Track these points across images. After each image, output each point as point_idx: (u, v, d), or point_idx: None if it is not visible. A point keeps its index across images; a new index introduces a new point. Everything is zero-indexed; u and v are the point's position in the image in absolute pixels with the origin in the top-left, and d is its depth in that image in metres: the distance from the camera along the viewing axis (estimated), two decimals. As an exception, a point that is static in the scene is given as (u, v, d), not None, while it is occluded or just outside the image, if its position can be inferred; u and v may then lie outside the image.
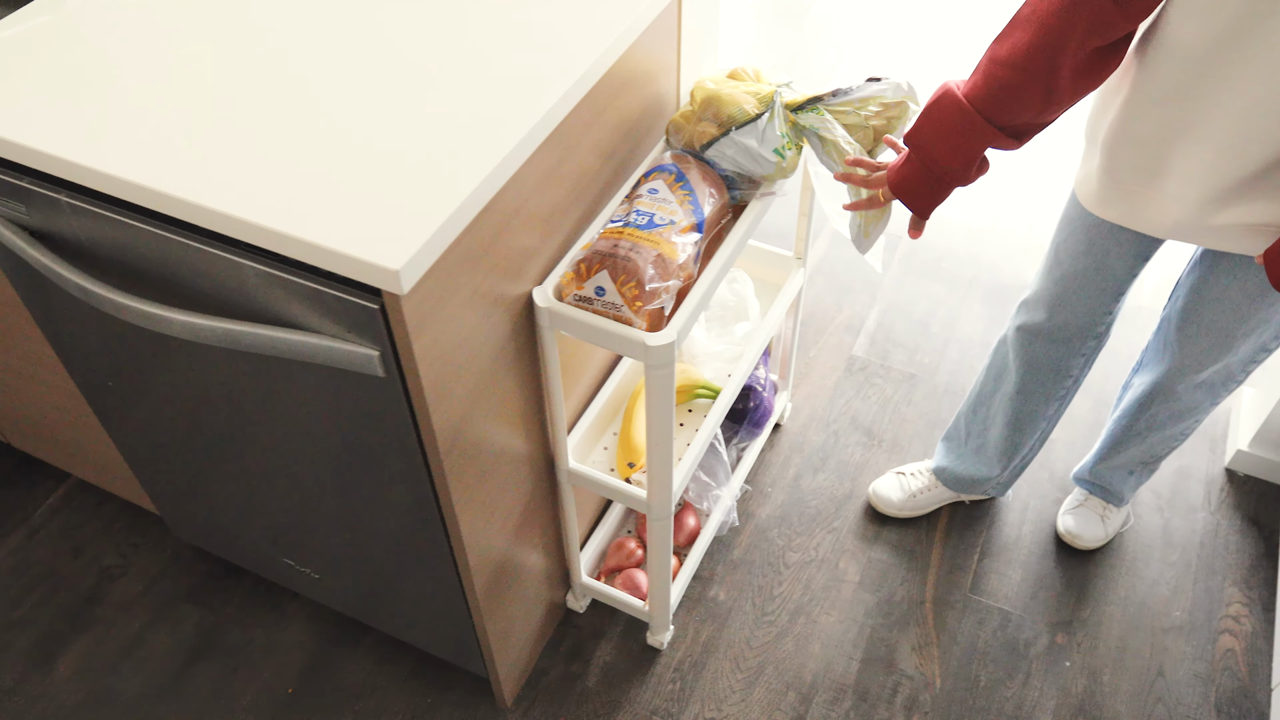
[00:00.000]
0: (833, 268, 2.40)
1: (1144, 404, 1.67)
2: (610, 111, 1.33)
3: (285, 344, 1.10)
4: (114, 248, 1.19)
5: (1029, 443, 1.76)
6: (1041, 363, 1.62)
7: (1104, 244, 1.43)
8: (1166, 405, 1.64)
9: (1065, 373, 1.63)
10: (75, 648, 1.79)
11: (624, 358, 1.65)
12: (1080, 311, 1.53)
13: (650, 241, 1.25)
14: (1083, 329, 1.55)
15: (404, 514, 1.33)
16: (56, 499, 2.00)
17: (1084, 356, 1.61)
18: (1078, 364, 1.62)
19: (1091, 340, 1.58)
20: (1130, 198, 1.32)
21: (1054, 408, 1.69)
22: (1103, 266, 1.46)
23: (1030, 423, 1.72)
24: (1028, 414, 1.70)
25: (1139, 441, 1.73)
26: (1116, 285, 1.48)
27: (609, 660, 1.76)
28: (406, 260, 0.98)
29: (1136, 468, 1.79)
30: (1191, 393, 1.59)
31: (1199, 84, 1.13)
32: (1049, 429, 1.74)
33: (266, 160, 1.09)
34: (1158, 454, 1.75)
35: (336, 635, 1.80)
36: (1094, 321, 1.54)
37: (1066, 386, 1.66)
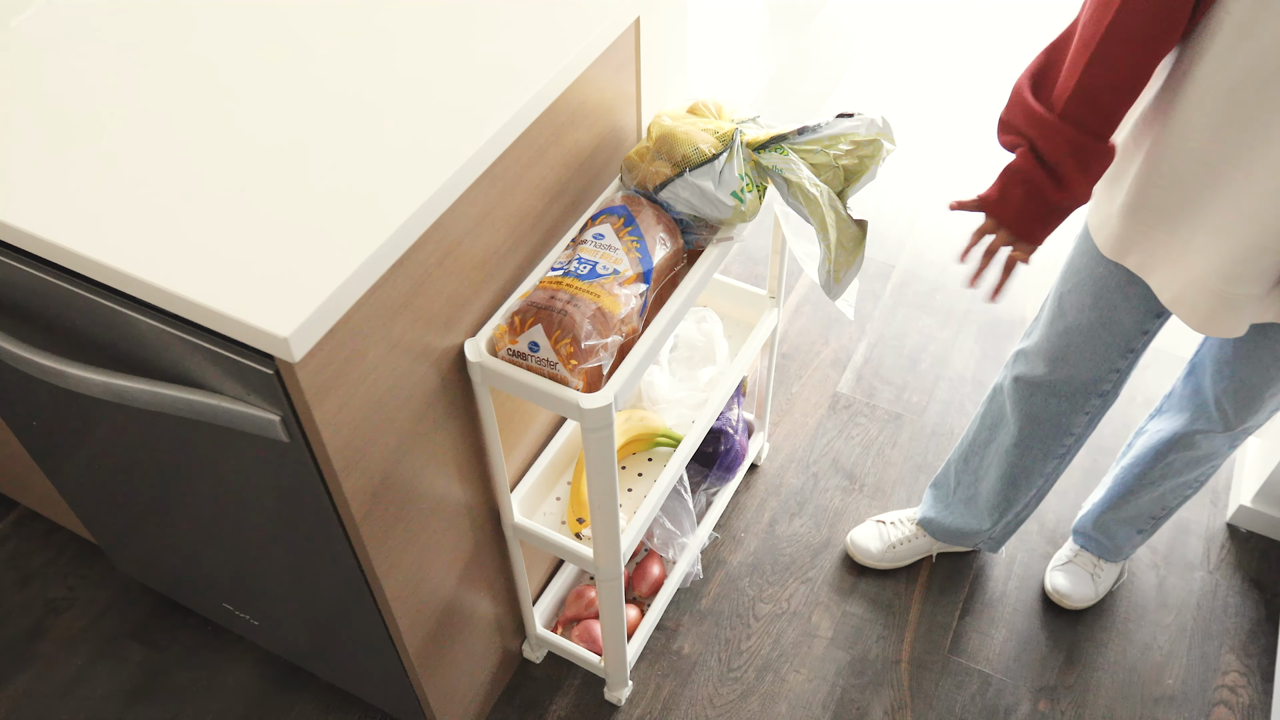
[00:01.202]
0: (820, 298, 2.30)
1: (1161, 452, 1.56)
2: (557, 147, 1.24)
3: (184, 404, 1.02)
4: (20, 296, 1.11)
5: (1024, 499, 1.65)
6: (1041, 417, 1.51)
7: (1112, 297, 1.33)
8: (1185, 454, 1.53)
9: (1066, 430, 1.52)
10: (14, 684, 1.72)
11: (582, 401, 1.56)
12: (1084, 368, 1.41)
13: (590, 294, 1.16)
14: (1086, 386, 1.44)
15: (328, 574, 1.25)
16: (7, 524, 1.93)
17: (1088, 415, 1.49)
18: (1080, 421, 1.50)
19: (1096, 399, 1.46)
20: (1153, 246, 1.21)
21: (1053, 465, 1.58)
22: (1110, 321, 1.35)
23: (1026, 479, 1.61)
24: (1024, 470, 1.59)
25: (1152, 490, 1.62)
26: (1125, 341, 1.37)
27: (565, 715, 1.68)
28: (296, 327, 0.89)
29: (1146, 525, 1.68)
30: (1210, 440, 1.49)
31: (1251, 118, 1.03)
32: (1047, 487, 1.64)
33: (166, 211, 1.01)
34: (1169, 506, 1.64)
35: (282, 679, 1.72)
36: (1099, 378, 1.43)
37: (1068, 445, 1.54)
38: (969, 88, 2.86)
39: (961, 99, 2.82)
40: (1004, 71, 2.90)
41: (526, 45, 1.18)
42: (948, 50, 2.99)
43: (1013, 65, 2.93)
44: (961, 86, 2.86)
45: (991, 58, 2.97)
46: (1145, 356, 2.16)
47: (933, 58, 2.96)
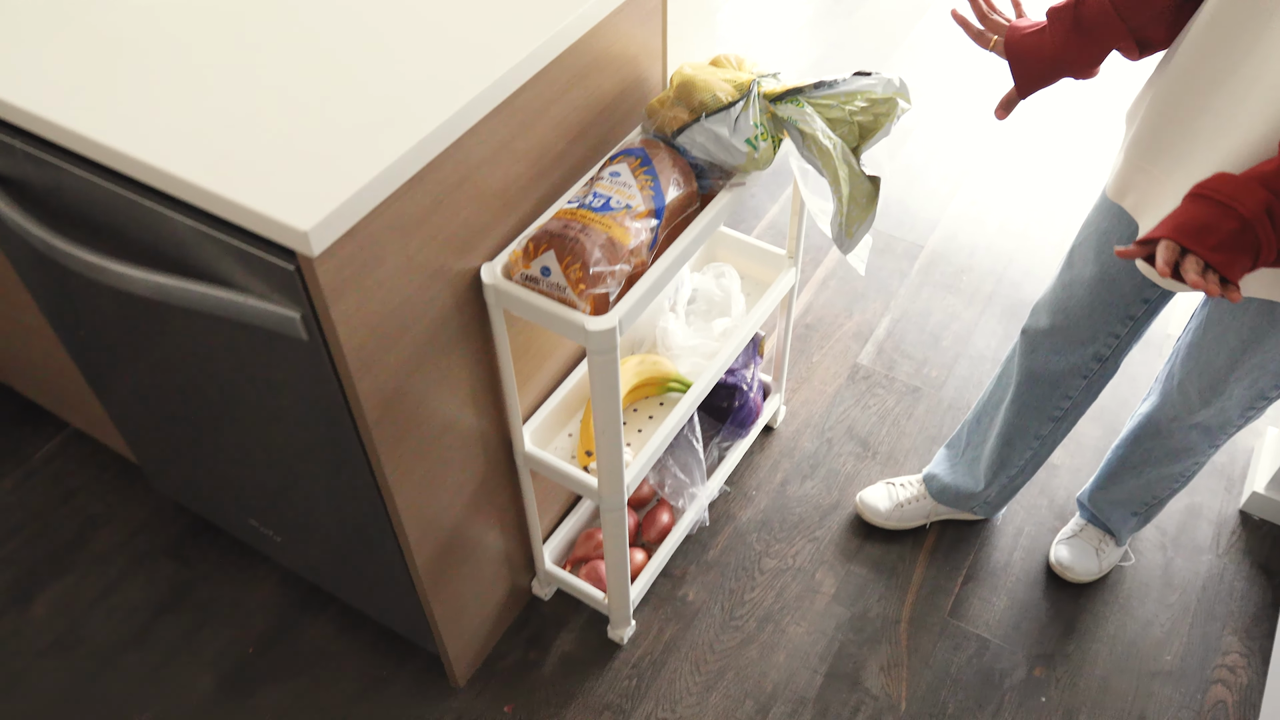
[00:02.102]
0: (847, 273, 2.33)
1: (1139, 437, 1.58)
2: (579, 90, 1.30)
3: (212, 301, 1.10)
4: (67, 197, 1.20)
5: (1018, 461, 1.68)
6: (1039, 375, 1.55)
7: (1110, 250, 1.36)
8: (1159, 442, 1.55)
9: (1063, 392, 1.55)
10: (53, 589, 1.83)
11: (599, 345, 1.62)
12: (1083, 324, 1.44)
13: (601, 224, 1.22)
14: (1084, 345, 1.47)
15: (343, 481, 1.32)
16: (54, 445, 2.04)
17: (1085, 379, 1.52)
18: (1077, 385, 1.53)
19: (1094, 362, 1.49)
20: (1147, 183, 1.23)
21: (1048, 428, 1.61)
22: (1110, 279, 1.38)
23: (1021, 439, 1.64)
24: (1019, 428, 1.63)
25: (1134, 476, 1.64)
26: (1124, 305, 1.39)
27: (568, 650, 1.74)
28: (317, 222, 0.96)
29: (1139, 509, 1.70)
30: (1185, 433, 1.50)
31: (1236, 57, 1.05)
32: (1042, 451, 1.66)
33: (203, 114, 1.08)
34: (1158, 495, 1.65)
35: (302, 600, 1.80)
36: (1096, 339, 1.45)
37: (1064, 408, 1.58)
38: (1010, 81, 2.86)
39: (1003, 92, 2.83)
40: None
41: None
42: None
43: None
44: (1004, 81, 2.87)
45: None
46: (1167, 345, 2.17)
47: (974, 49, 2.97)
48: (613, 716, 1.65)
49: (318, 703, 1.68)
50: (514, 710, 1.67)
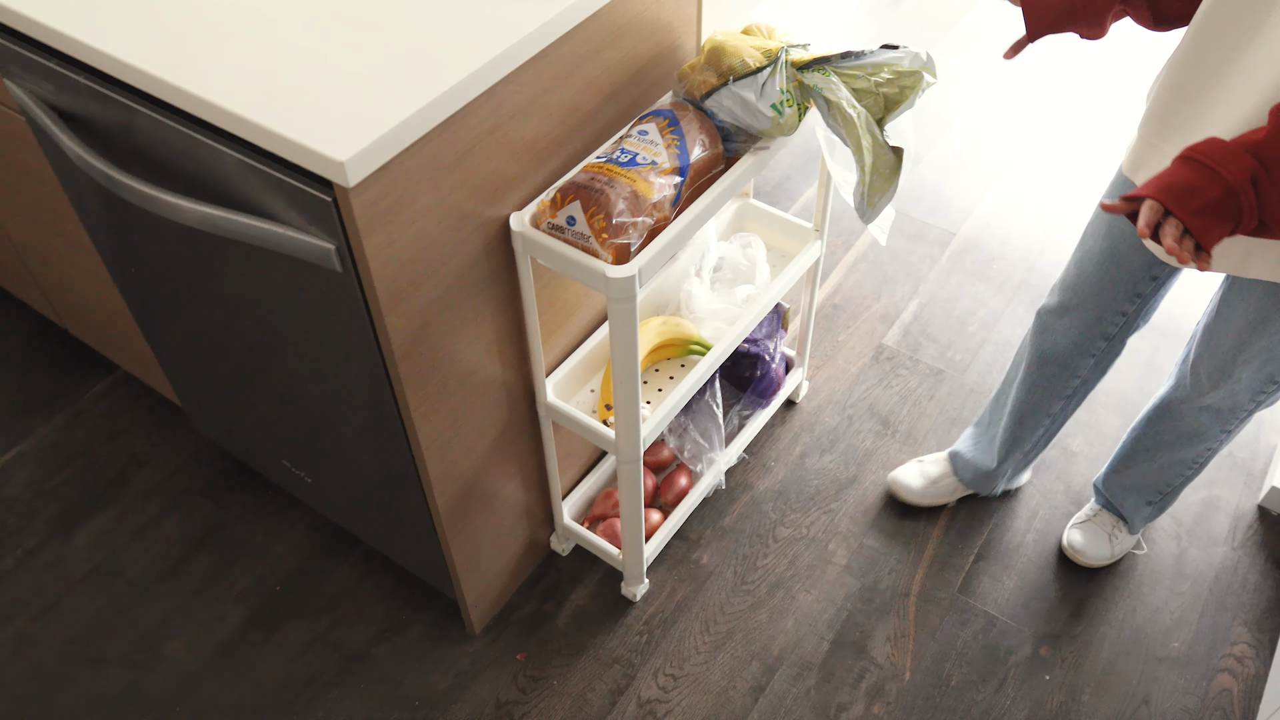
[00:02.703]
0: (879, 256, 2.36)
1: (1152, 419, 1.60)
2: (613, 50, 1.35)
3: (255, 232, 1.16)
4: (125, 133, 1.27)
5: (1030, 439, 1.71)
6: (1050, 355, 1.58)
7: (1124, 229, 1.39)
8: (1171, 424, 1.57)
9: (1072, 370, 1.58)
10: (95, 522, 1.91)
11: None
12: (1092, 301, 1.47)
13: (626, 178, 1.26)
14: (1091, 323, 1.50)
15: (370, 419, 1.38)
16: (103, 386, 2.13)
17: (1093, 357, 1.55)
18: (1086, 364, 1.56)
19: (1101, 340, 1.52)
20: (1159, 160, 1.25)
21: (1058, 406, 1.65)
22: (1119, 255, 1.41)
23: (1032, 417, 1.68)
24: (1031, 407, 1.66)
25: (1147, 460, 1.65)
26: (1132, 281, 1.42)
27: (582, 605, 1.78)
28: (353, 154, 1.02)
29: (1153, 497, 1.71)
30: (1196, 415, 1.52)
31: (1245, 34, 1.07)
32: (1053, 427, 1.70)
33: (253, 53, 1.14)
34: (1170, 482, 1.67)
35: (329, 544, 1.87)
36: (1105, 318, 1.48)
37: (1074, 386, 1.61)
38: (1055, 75, 2.87)
39: (1046, 86, 2.83)
40: (1094, 66, 2.90)
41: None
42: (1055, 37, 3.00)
43: (1105, 63, 2.93)
44: (1048, 74, 2.87)
45: (1081, 53, 2.97)
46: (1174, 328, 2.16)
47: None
48: (621, 670, 1.70)
49: (338, 641, 1.74)
50: (526, 659, 1.72)
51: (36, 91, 1.34)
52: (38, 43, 1.30)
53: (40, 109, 1.32)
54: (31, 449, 2.02)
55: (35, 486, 1.96)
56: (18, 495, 1.95)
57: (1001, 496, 1.92)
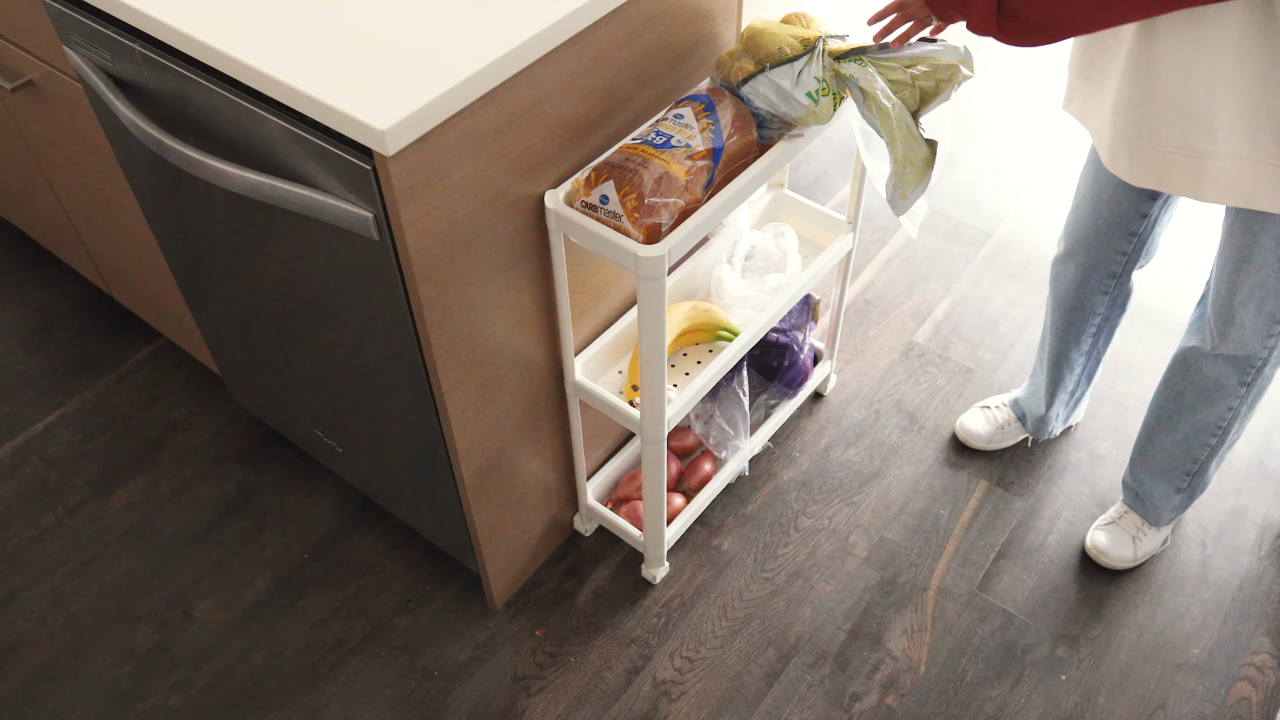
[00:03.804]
0: (913, 254, 2.36)
1: (1169, 379, 1.63)
2: (652, 35, 1.37)
3: (297, 199, 1.19)
4: (174, 97, 1.31)
5: (1071, 380, 1.81)
6: (1067, 300, 1.69)
7: (1103, 172, 1.49)
8: (1190, 380, 1.58)
9: (1091, 309, 1.68)
10: (132, 484, 1.96)
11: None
12: (1090, 244, 1.58)
13: (660, 159, 1.28)
14: (1094, 264, 1.60)
15: (401, 388, 1.41)
16: (146, 353, 2.19)
17: (1106, 294, 1.65)
18: (1102, 302, 1.66)
19: (1108, 279, 1.62)
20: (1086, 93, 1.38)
21: (1086, 345, 1.74)
22: (1104, 196, 1.51)
23: (1066, 361, 1.77)
24: (1063, 352, 1.76)
25: (1169, 429, 1.65)
26: (1124, 222, 1.52)
27: (603, 585, 1.81)
28: (393, 123, 1.05)
29: (1180, 481, 1.70)
30: (1213, 364, 1.53)
31: None
32: (1090, 366, 1.80)
33: (300, 24, 1.18)
34: (1196, 456, 1.66)
35: (357, 515, 1.91)
36: (1106, 256, 1.58)
37: (1095, 324, 1.70)
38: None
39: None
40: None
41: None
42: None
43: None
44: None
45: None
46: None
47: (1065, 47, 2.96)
48: (638, 650, 1.72)
49: (363, 610, 1.78)
50: (545, 635, 1.74)
51: (94, 59, 1.39)
52: (97, 11, 1.34)
53: (97, 76, 1.36)
54: (75, 410, 2.08)
55: (77, 447, 2.02)
56: (60, 455, 2.01)
57: (1026, 494, 1.92)
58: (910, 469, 1.97)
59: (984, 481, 1.94)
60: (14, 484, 1.96)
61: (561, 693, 1.67)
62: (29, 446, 2.02)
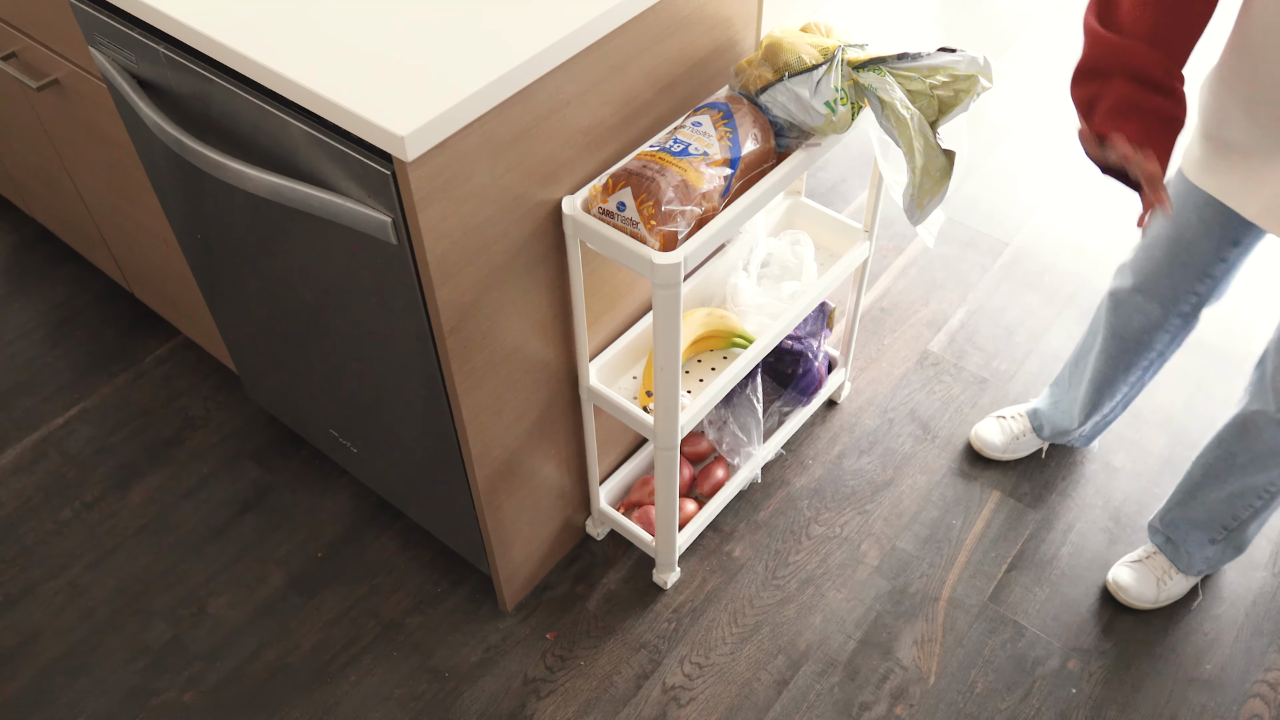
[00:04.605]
0: (929, 262, 2.36)
1: (1224, 439, 1.58)
2: (671, 42, 1.37)
3: (317, 202, 1.20)
4: (197, 99, 1.32)
5: (1109, 404, 1.79)
6: (1125, 331, 1.64)
7: (1188, 216, 1.44)
8: (1245, 442, 1.54)
9: (1148, 345, 1.64)
10: (149, 480, 1.98)
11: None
12: (1162, 284, 1.53)
13: (678, 167, 1.29)
14: (1165, 304, 1.56)
15: (416, 390, 1.42)
16: (165, 350, 2.21)
17: (1169, 334, 1.61)
18: (1162, 340, 1.62)
19: (1176, 319, 1.58)
20: (1228, 167, 1.30)
21: (1135, 376, 1.71)
22: (1185, 240, 1.46)
23: (1110, 387, 1.74)
24: (1108, 378, 1.73)
25: (1217, 486, 1.62)
26: (1201, 265, 1.47)
27: (614, 589, 1.81)
28: (413, 129, 1.06)
29: (1218, 534, 1.67)
30: (1274, 430, 1.50)
31: None
32: (1132, 394, 1.77)
33: (323, 29, 1.19)
34: (1238, 515, 1.63)
35: (371, 514, 1.92)
36: (1176, 298, 1.54)
37: (1150, 359, 1.67)
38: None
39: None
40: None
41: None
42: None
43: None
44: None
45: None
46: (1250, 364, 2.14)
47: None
48: (648, 655, 1.73)
49: (375, 609, 1.79)
50: (556, 638, 1.75)
51: (119, 60, 1.40)
52: (123, 13, 1.36)
53: (122, 77, 1.38)
54: (95, 406, 2.10)
55: (96, 442, 2.04)
56: (79, 450, 2.03)
57: (1039, 505, 1.91)
58: (923, 478, 1.96)
59: (997, 492, 1.94)
60: (33, 478, 1.98)
61: (571, 696, 1.68)
62: (48, 441, 2.05)
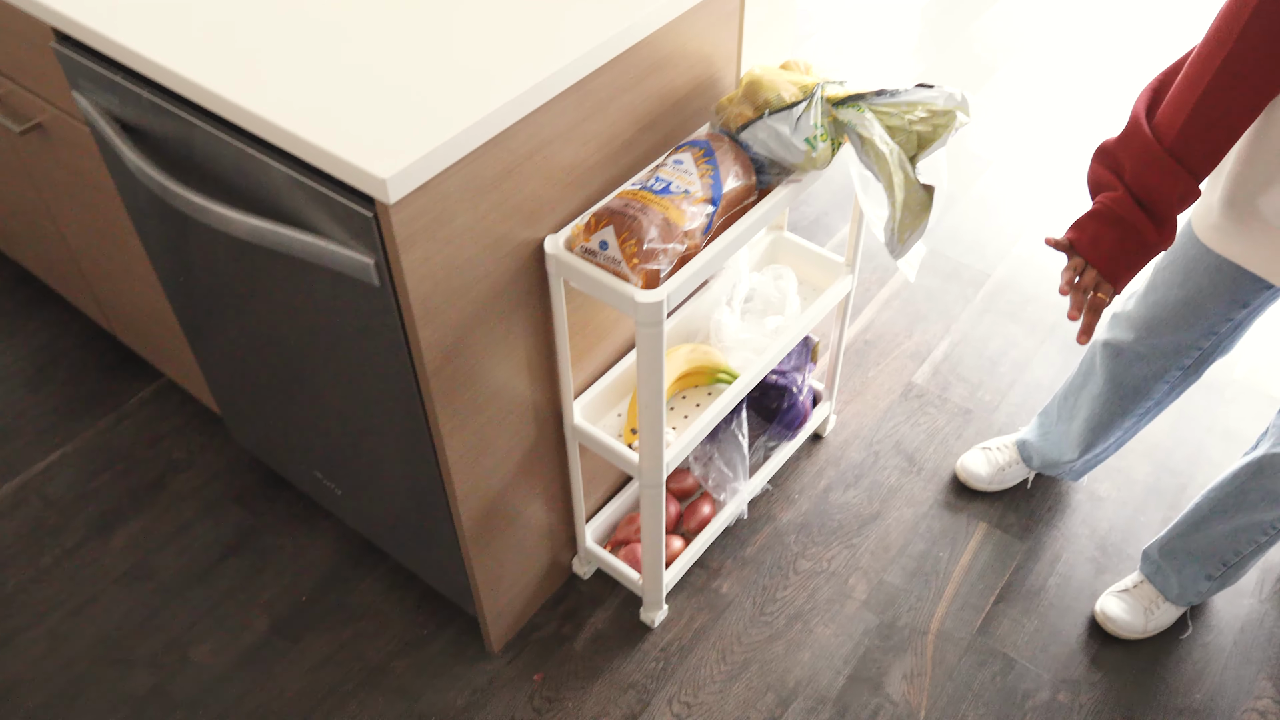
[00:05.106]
0: (912, 294, 2.37)
1: (1238, 476, 1.57)
2: (652, 81, 1.38)
3: (299, 245, 1.20)
4: (179, 143, 1.32)
5: (1104, 444, 1.78)
6: (1124, 381, 1.63)
7: (1200, 280, 1.43)
8: (1259, 480, 1.53)
9: (1147, 394, 1.64)
10: (131, 525, 1.96)
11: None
12: (1168, 340, 1.53)
13: (659, 205, 1.30)
14: (1168, 358, 1.55)
15: (401, 431, 1.42)
16: (148, 393, 2.19)
17: (1169, 384, 1.60)
18: (1161, 389, 1.62)
19: (1177, 371, 1.57)
20: (1253, 236, 1.30)
21: (1132, 421, 1.71)
22: (1196, 303, 1.46)
23: (1106, 430, 1.73)
24: (1105, 422, 1.72)
25: (1224, 520, 1.61)
26: (1209, 324, 1.47)
27: (601, 628, 1.80)
28: (395, 172, 1.06)
29: (1215, 570, 1.66)
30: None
31: None
32: (1126, 437, 1.77)
33: (304, 72, 1.19)
34: (1240, 550, 1.62)
35: (356, 557, 1.90)
36: (1181, 353, 1.54)
37: (1148, 406, 1.67)
38: (1103, 123, 2.88)
39: (1093, 132, 2.84)
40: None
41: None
42: (1089, 81, 3.01)
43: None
44: (1087, 119, 2.88)
45: (1118, 101, 2.98)
46: (1234, 391, 2.15)
47: (1073, 85, 2.99)
48: (636, 695, 1.71)
49: (360, 653, 1.77)
50: (543, 680, 1.73)
51: (102, 104, 1.40)
52: (106, 58, 1.36)
53: (104, 121, 1.38)
54: (76, 450, 2.08)
55: (77, 487, 2.02)
56: (60, 495, 2.01)
57: (1026, 536, 1.91)
58: (909, 511, 1.96)
59: (983, 524, 1.94)
60: (13, 524, 1.96)
61: (559, 738, 1.66)
62: (29, 486, 2.02)
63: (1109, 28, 3.25)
